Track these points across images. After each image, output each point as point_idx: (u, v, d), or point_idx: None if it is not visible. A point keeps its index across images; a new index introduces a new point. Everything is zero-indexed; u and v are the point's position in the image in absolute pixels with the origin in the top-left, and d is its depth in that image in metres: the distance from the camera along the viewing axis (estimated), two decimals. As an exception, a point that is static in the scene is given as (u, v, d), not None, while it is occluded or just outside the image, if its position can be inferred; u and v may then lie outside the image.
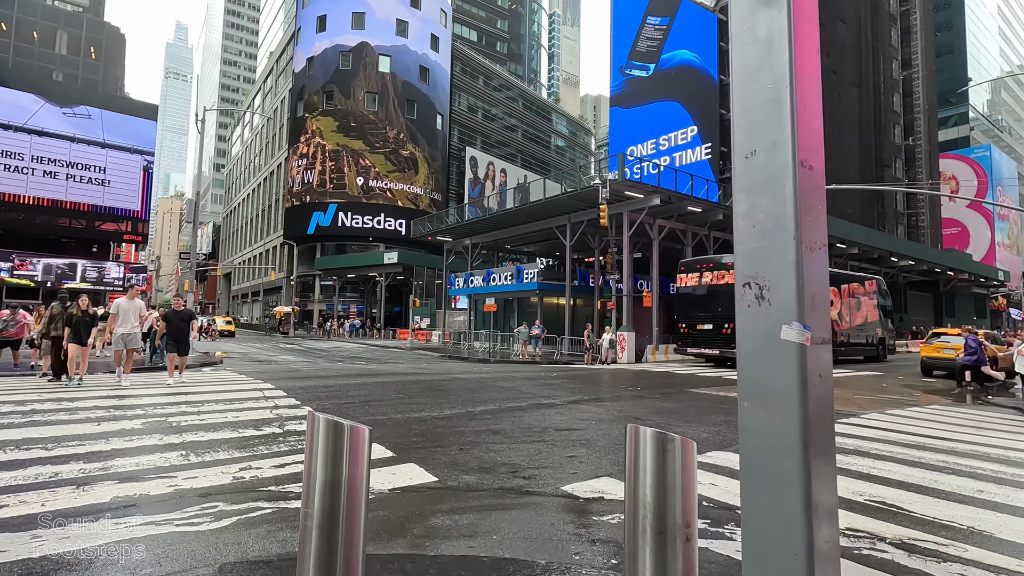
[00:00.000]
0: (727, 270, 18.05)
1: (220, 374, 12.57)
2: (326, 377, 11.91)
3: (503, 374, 14.02)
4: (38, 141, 31.87)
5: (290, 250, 55.77)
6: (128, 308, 9.88)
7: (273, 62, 71.89)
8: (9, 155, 31.08)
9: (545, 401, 8.92)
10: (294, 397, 8.58)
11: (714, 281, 18.43)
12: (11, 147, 31.17)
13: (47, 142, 32.19)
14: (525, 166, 71.40)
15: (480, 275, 29.67)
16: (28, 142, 31.74)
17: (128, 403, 7.69)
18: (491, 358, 22.25)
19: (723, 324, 17.90)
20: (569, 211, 25.67)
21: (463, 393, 9.65)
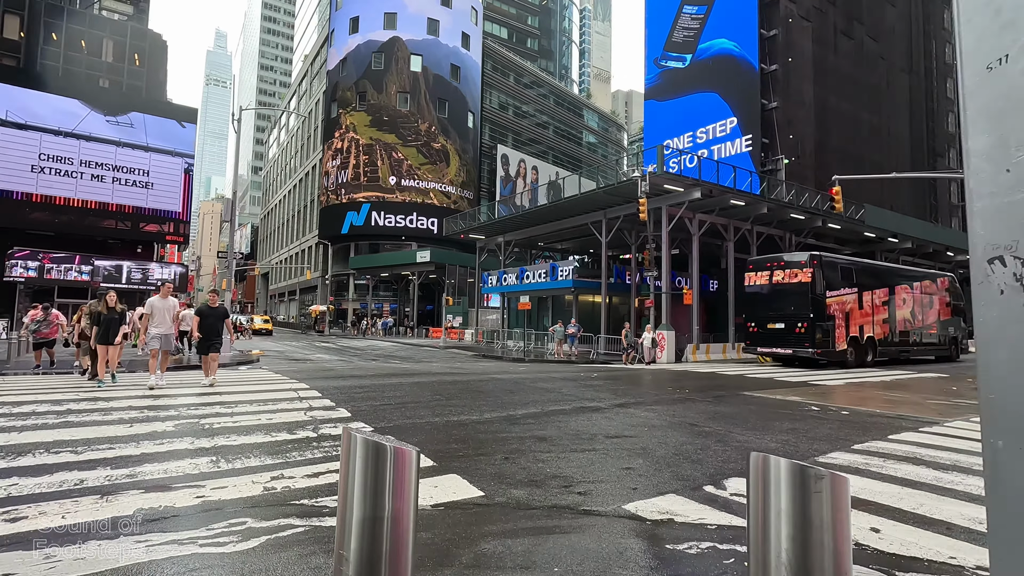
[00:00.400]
0: (800, 268, 17.69)
1: (256, 373, 12.47)
2: (361, 377, 11.66)
3: (541, 374, 13.54)
4: (86, 146, 32.97)
5: (325, 250, 56.54)
6: (162, 307, 9.58)
7: (308, 65, 73.13)
8: (60, 159, 32.25)
9: (590, 404, 8.40)
10: (329, 398, 8.30)
11: (786, 279, 18.04)
12: (62, 152, 32.34)
13: (94, 146, 33.28)
14: (557, 163, 70.65)
15: (513, 273, 29.24)
16: (77, 147, 32.87)
17: (162, 403, 7.53)
18: (526, 357, 21.80)
19: (796, 323, 17.49)
20: (605, 206, 24.97)
21: (502, 395, 9.21)
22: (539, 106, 71.36)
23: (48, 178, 31.62)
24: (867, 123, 42.92)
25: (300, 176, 69.04)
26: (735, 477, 4.68)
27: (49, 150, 31.87)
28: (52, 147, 32.03)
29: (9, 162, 30.79)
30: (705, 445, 5.83)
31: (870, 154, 42.19)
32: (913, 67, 49.11)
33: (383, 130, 51.45)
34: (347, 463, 1.75)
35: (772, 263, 18.79)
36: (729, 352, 24.43)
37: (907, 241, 31.66)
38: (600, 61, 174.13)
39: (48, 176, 31.67)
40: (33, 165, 31.50)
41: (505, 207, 46.17)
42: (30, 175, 31.37)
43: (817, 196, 26.15)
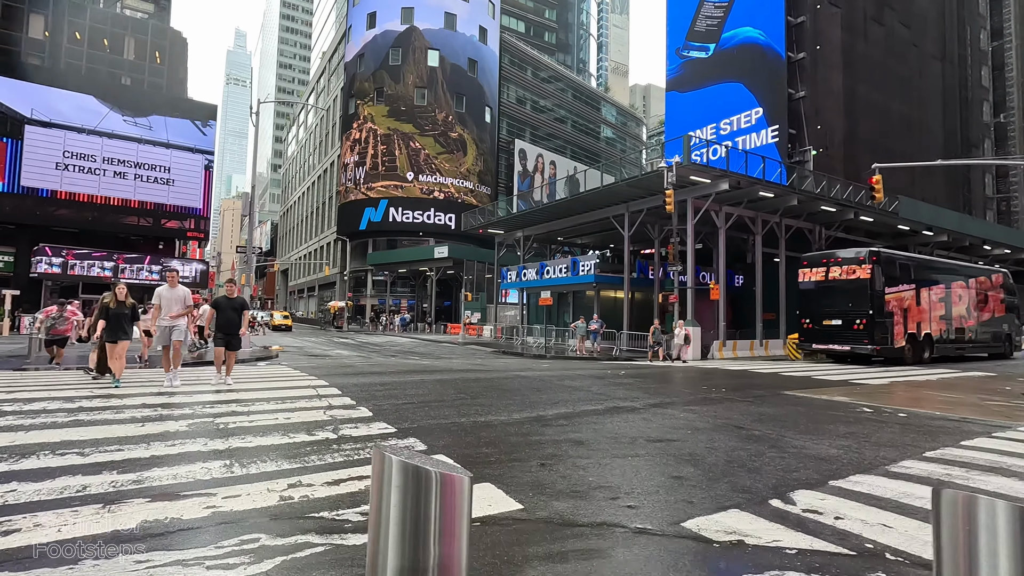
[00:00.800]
0: (858, 264, 17.46)
1: (274, 369, 12.21)
2: (381, 373, 11.30)
3: (566, 372, 13.06)
4: (108, 143, 33.27)
5: (343, 246, 56.70)
6: (170, 297, 8.85)
7: (325, 62, 73.33)
8: (83, 156, 32.59)
9: (623, 404, 7.91)
10: (349, 396, 7.94)
11: (843, 276, 17.84)
12: (85, 149, 32.67)
13: (116, 144, 33.57)
14: (575, 158, 69.87)
15: (533, 268, 28.76)
16: (100, 144, 33.19)
17: (177, 401, 7.23)
18: (547, 354, 21.34)
19: (854, 320, 17.16)
20: (627, 200, 24.35)
21: (529, 393, 8.76)
22: (557, 100, 70.62)
23: (72, 175, 32.00)
24: (898, 113, 41.45)
25: (318, 173, 69.34)
26: (803, 489, 4.17)
27: (73, 147, 32.22)
28: (76, 145, 32.37)
29: (35, 160, 31.19)
30: (759, 451, 5.31)
31: (901, 146, 40.73)
32: (946, 54, 47.34)
33: (400, 120, 51.40)
34: (379, 494, 1.32)
35: (828, 259, 18.61)
36: (756, 349, 23.68)
37: (942, 234, 30.46)
38: (618, 54, 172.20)
39: (72, 173, 32.04)
40: (57, 163, 31.88)
41: (523, 202, 45.72)
42: (54, 172, 31.76)
43: (849, 187, 25.19)
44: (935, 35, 46.23)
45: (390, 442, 5.23)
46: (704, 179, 20.42)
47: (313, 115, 76.78)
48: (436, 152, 51.78)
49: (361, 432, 5.64)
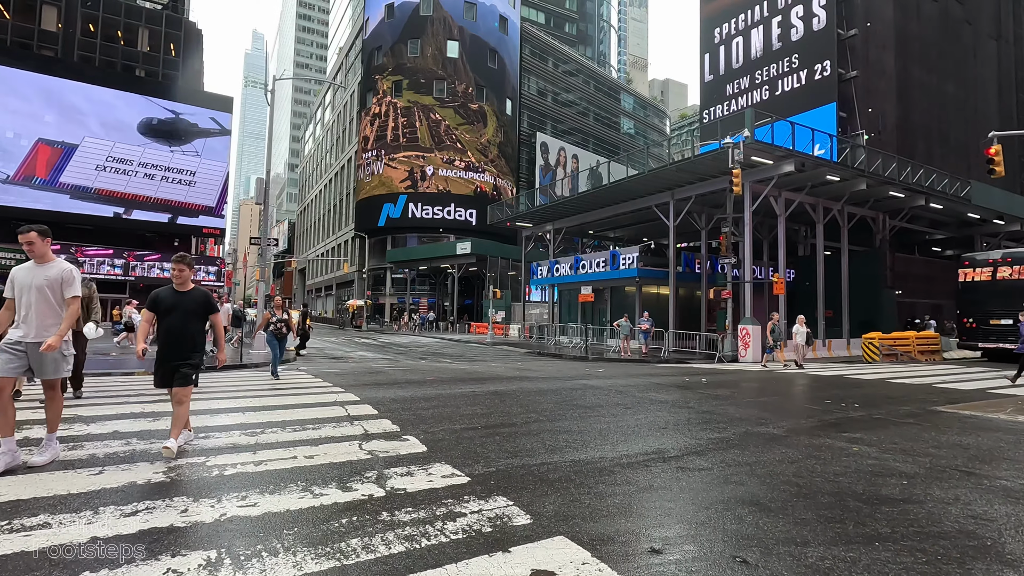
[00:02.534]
0: None
1: (292, 376, 10.42)
2: (419, 383, 9.42)
3: (635, 379, 11.06)
4: (148, 149, 32.29)
5: (361, 244, 55.27)
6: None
7: (343, 58, 72.05)
8: (122, 160, 31.75)
9: (758, 430, 5.90)
10: (388, 417, 6.04)
11: (1014, 276, 17.99)
12: (123, 154, 31.80)
13: (151, 147, 32.47)
14: (597, 151, 67.67)
15: (567, 262, 26.75)
16: (141, 151, 32.27)
17: (164, 426, 5.40)
18: (588, 355, 19.35)
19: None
20: (674, 186, 22.23)
21: (618, 412, 6.80)
22: (579, 92, 68.45)
23: (107, 175, 31.18)
24: (951, 96, 38.56)
25: (336, 170, 68.09)
26: None
27: (118, 153, 31.52)
28: (120, 151, 31.62)
29: (80, 163, 30.53)
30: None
31: (956, 131, 37.91)
32: (1002, 33, 44.19)
33: (420, 92, 50.16)
34: None
35: (997, 259, 18.83)
36: (819, 350, 21.39)
37: (1015, 223, 27.79)
38: (636, 48, 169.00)
39: (107, 174, 31.23)
40: (97, 165, 31.11)
41: (544, 196, 43.73)
42: (91, 172, 30.92)
43: (920, 170, 22.76)
44: (990, 12, 43.14)
45: (470, 506, 3.32)
46: (766, 160, 18.23)
47: (330, 112, 75.63)
48: (456, 123, 50.53)
49: (419, 483, 3.74)
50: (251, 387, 8.43)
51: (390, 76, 51.09)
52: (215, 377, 10.06)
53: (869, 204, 22.96)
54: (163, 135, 33.08)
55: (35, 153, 29.62)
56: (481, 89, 52.44)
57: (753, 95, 36.48)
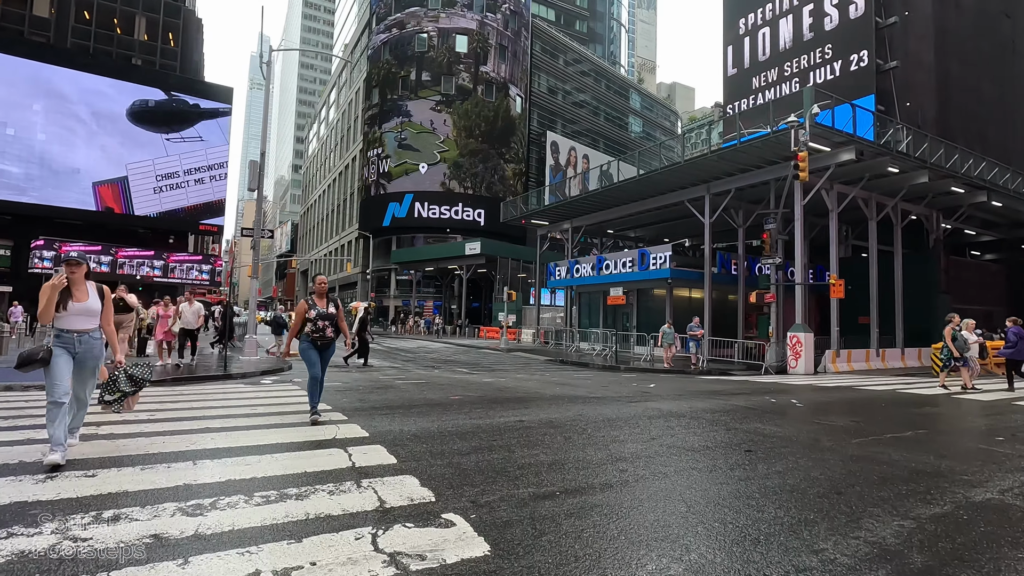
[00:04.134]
0: None
1: (281, 391, 8.42)
2: (442, 405, 7.37)
3: (702, 401, 9.00)
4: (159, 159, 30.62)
5: (365, 244, 53.40)
6: None
7: (348, 54, 70.40)
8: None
9: (964, 491, 3.85)
10: (413, 472, 3.99)
11: None
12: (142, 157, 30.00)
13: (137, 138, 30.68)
14: (609, 152, 65.71)
15: (588, 263, 24.72)
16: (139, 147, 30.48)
17: (89, 456, 3.37)
18: (618, 364, 17.31)
19: None
20: (711, 178, 20.21)
21: (748, 463, 4.74)
22: (590, 92, 66.56)
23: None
24: (988, 94, 36.49)
25: (340, 169, 66.34)
26: None
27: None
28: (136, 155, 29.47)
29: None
30: None
31: (994, 131, 35.76)
32: (1040, 27, 42.05)
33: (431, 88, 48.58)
34: None
35: None
36: (873, 360, 19.29)
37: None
38: (645, 51, 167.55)
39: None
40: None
41: (555, 196, 41.74)
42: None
43: (982, 164, 20.70)
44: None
45: None
46: (822, 147, 16.19)
47: (334, 111, 74.00)
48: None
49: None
50: (222, 410, 6.42)
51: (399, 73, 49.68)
52: (182, 392, 8.06)
53: (926, 201, 20.90)
54: (156, 121, 31.28)
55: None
56: (490, 85, 50.74)
57: (782, 88, 34.48)
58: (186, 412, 6.14)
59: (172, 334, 11.47)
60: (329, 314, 5.74)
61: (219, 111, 33.38)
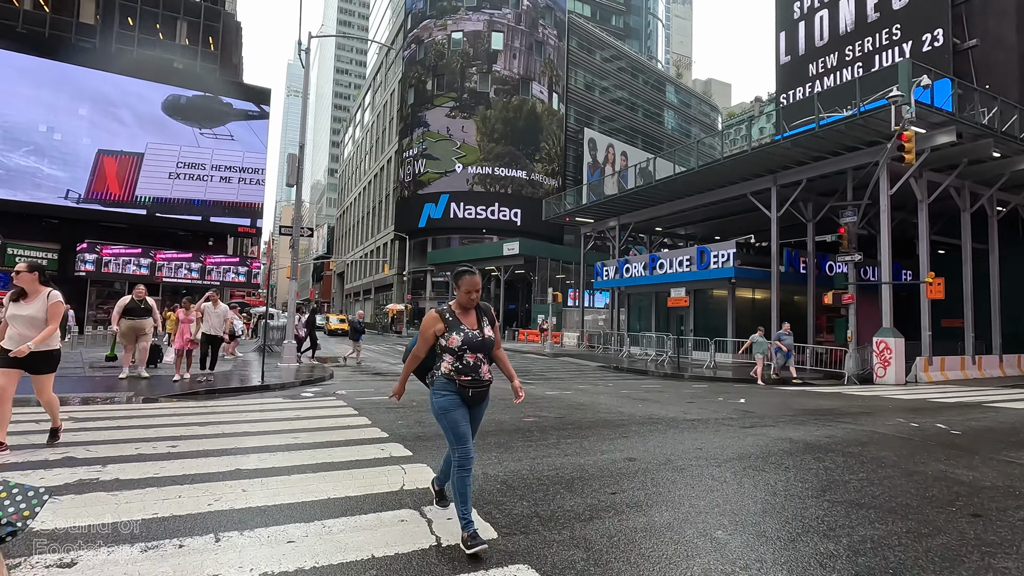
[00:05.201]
0: None
1: (325, 409, 7.33)
2: (520, 431, 6.11)
3: (828, 426, 7.49)
4: (185, 148, 30.94)
5: (401, 246, 52.96)
6: None
7: (383, 56, 70.41)
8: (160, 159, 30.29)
9: None
10: (532, 564, 2.73)
11: None
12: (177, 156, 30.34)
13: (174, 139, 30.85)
14: (647, 148, 63.66)
15: (639, 262, 23.17)
16: (177, 149, 30.88)
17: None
18: (681, 371, 15.78)
19: None
20: (779, 168, 18.47)
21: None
22: (628, 87, 64.60)
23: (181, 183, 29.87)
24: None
25: (375, 171, 66.25)
26: None
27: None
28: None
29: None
30: None
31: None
32: None
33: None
34: None
35: None
36: (969, 368, 17.19)
37: None
38: (680, 47, 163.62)
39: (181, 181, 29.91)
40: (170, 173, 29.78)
41: (593, 194, 40.20)
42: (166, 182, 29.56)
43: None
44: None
45: None
46: (918, 127, 14.32)
47: (369, 113, 74.15)
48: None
49: None
50: (257, 438, 5.33)
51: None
52: (212, 410, 7.05)
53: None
54: (188, 116, 31.35)
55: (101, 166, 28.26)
56: (527, 83, 49.61)
57: (843, 74, 32.13)
58: (214, 441, 5.07)
59: (195, 342, 10.09)
60: (485, 340, 3.11)
61: (252, 112, 33.15)
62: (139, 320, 9.43)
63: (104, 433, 5.20)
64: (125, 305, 9.44)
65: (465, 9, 49.10)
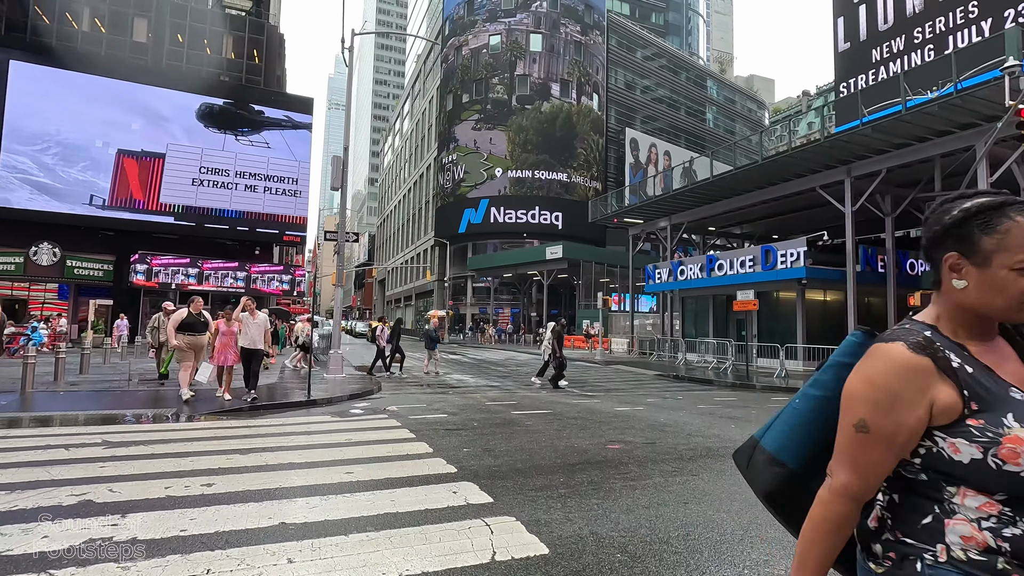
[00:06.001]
0: None
1: (376, 432, 6.55)
2: (613, 464, 5.13)
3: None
4: (230, 155, 31.53)
5: (441, 252, 52.74)
6: None
7: (420, 64, 70.85)
8: (208, 170, 30.96)
9: None
10: None
11: None
12: (188, 160, 30.83)
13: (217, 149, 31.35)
14: (691, 147, 61.61)
15: (695, 263, 21.80)
16: (199, 153, 31.34)
17: None
18: (752, 382, 14.43)
19: None
20: (854, 158, 16.89)
21: None
22: (669, 85, 62.75)
23: (207, 190, 30.57)
24: None
25: (415, 179, 66.53)
26: None
27: (209, 163, 30.79)
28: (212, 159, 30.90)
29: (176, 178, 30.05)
30: None
31: None
32: None
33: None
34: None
35: None
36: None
37: None
38: (720, 43, 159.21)
39: (207, 189, 30.62)
40: (193, 179, 30.44)
41: (635, 196, 38.73)
42: (190, 188, 30.22)
43: None
44: None
45: None
46: None
47: (408, 121, 74.69)
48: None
49: None
50: (304, 472, 4.55)
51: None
52: (255, 432, 6.37)
53: None
54: (239, 127, 31.86)
55: (121, 166, 28.87)
56: (566, 84, 48.68)
57: (911, 57, 29.82)
58: (255, 478, 4.32)
59: (238, 356, 8.68)
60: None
61: (297, 122, 33.41)
62: (198, 336, 8.78)
63: (134, 464, 4.54)
64: (182, 319, 8.68)
65: (502, 12, 48.65)
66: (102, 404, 7.92)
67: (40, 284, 27.61)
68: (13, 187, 26.85)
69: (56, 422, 6.68)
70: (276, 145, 32.82)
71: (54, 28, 33.61)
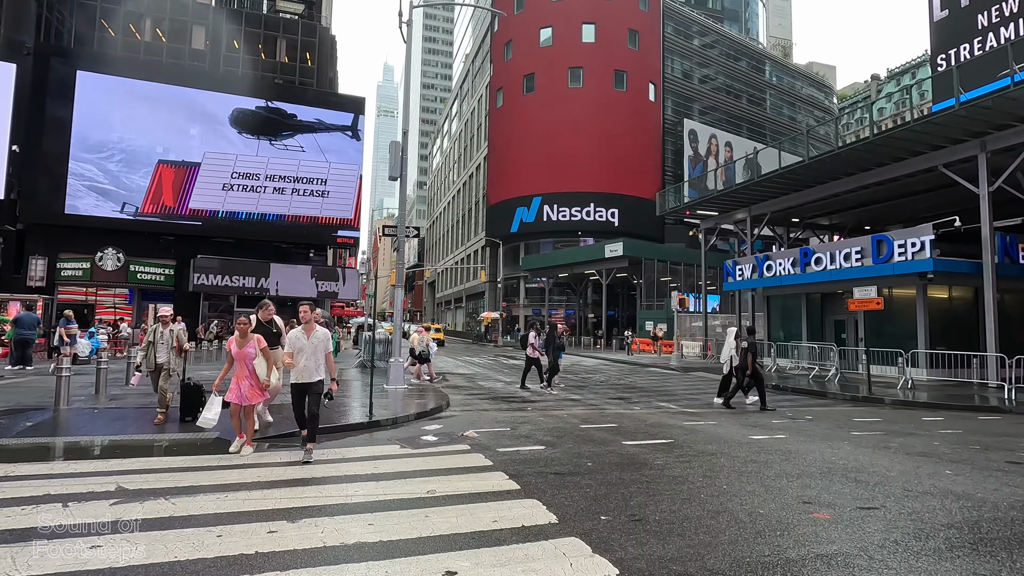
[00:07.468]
0: None
1: (458, 467, 5.00)
2: (840, 562, 3.40)
3: None
4: (273, 160, 31.39)
5: (492, 252, 51.48)
6: None
7: (468, 64, 70.12)
8: (247, 176, 30.90)
9: None
10: None
11: None
12: (250, 168, 30.94)
13: (279, 158, 31.39)
14: (753, 138, 57.90)
15: (785, 258, 19.36)
16: (265, 161, 31.46)
17: None
18: (875, 394, 12.10)
19: None
20: (990, 129, 14.20)
21: None
22: (729, 73, 59.24)
23: (235, 195, 30.46)
24: None
25: (464, 179, 65.78)
26: None
27: (241, 168, 30.75)
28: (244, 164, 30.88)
29: (205, 185, 30.05)
30: None
31: None
32: None
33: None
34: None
35: None
36: None
37: None
38: (778, 30, 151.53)
39: (236, 193, 30.50)
40: (224, 183, 30.45)
41: (694, 190, 36.09)
42: (219, 193, 30.26)
43: None
44: None
45: None
46: None
47: (457, 122, 74.11)
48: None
49: None
50: (375, 521, 3.03)
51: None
52: (308, 480, 4.94)
53: None
54: (294, 130, 31.64)
55: (159, 177, 29.12)
56: (620, 75, 46.49)
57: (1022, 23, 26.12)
58: (304, 560, 2.83)
59: (259, 390, 6.03)
60: None
61: (351, 125, 32.94)
62: (271, 350, 6.46)
63: (147, 537, 3.16)
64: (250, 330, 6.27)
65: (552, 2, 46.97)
66: (134, 428, 6.77)
67: (108, 289, 28.01)
68: (80, 194, 27.35)
69: (69, 454, 5.52)
70: (328, 148, 32.43)
71: (119, 40, 34.43)
